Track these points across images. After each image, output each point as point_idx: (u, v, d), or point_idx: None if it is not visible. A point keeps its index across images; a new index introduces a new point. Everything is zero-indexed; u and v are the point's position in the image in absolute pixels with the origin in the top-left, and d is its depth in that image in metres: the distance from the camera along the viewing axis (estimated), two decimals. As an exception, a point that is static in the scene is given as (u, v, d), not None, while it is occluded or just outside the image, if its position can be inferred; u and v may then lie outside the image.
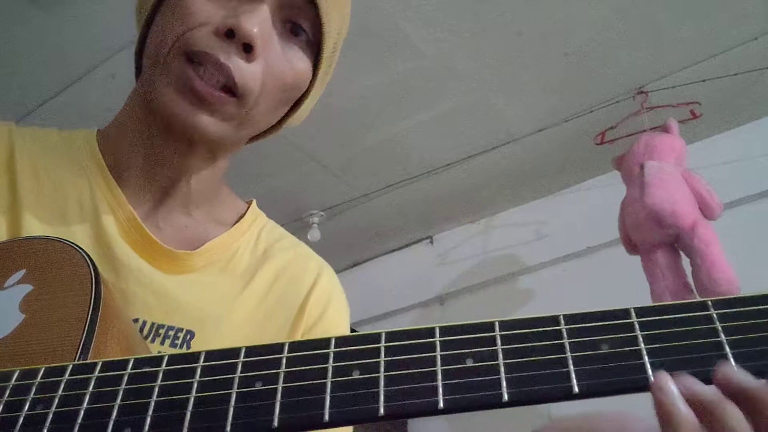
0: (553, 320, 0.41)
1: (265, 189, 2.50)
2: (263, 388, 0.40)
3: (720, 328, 0.39)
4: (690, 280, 1.75)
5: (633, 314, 0.41)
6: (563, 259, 2.46)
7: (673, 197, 1.76)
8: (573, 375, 0.38)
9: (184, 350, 0.41)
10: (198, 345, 0.64)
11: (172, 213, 0.71)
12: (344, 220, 2.72)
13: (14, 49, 1.86)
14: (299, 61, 0.67)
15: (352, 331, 0.46)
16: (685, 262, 1.79)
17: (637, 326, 0.40)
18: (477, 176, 2.47)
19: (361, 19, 1.82)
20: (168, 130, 0.66)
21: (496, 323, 0.42)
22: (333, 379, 0.40)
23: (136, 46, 0.69)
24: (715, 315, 0.39)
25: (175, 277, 0.67)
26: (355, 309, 0.80)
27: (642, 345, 0.39)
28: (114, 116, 0.73)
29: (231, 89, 0.62)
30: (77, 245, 0.57)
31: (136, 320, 0.62)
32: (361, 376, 0.40)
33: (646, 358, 0.39)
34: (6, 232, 0.62)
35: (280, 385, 0.40)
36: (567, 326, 0.41)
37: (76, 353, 0.48)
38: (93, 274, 0.54)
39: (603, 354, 0.39)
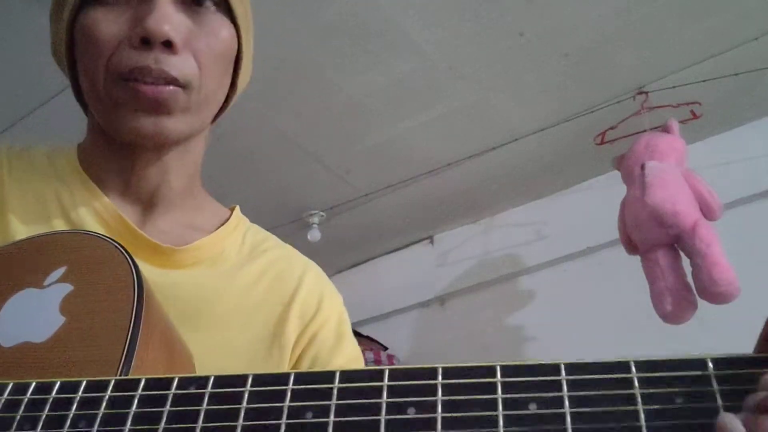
0: (624, 366, 0.38)
1: (266, 189, 2.50)
2: (314, 420, 0.38)
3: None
4: (690, 280, 1.75)
5: (709, 363, 0.37)
6: (563, 259, 2.46)
7: (674, 197, 1.76)
8: (644, 431, 0.35)
9: (233, 373, 0.40)
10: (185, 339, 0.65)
11: (158, 221, 0.72)
12: (344, 220, 2.71)
13: (17, 47, 1.86)
14: (219, 28, 0.68)
15: (353, 332, 0.45)
16: (685, 262, 1.78)
17: (713, 378, 0.37)
18: (477, 176, 2.47)
19: (363, 20, 1.82)
20: (135, 147, 0.68)
21: (562, 366, 0.39)
22: (387, 416, 0.37)
23: (72, 90, 0.71)
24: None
25: (161, 271, 0.68)
26: (355, 309, 0.80)
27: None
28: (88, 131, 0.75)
29: (175, 85, 0.64)
30: (118, 243, 0.56)
31: None
32: (417, 416, 0.37)
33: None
34: None
35: (331, 419, 0.38)
36: (639, 374, 0.37)
37: (119, 366, 0.47)
38: (135, 276, 0.52)
39: (677, 408, 0.36)
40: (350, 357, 0.74)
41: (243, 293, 0.72)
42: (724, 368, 0.36)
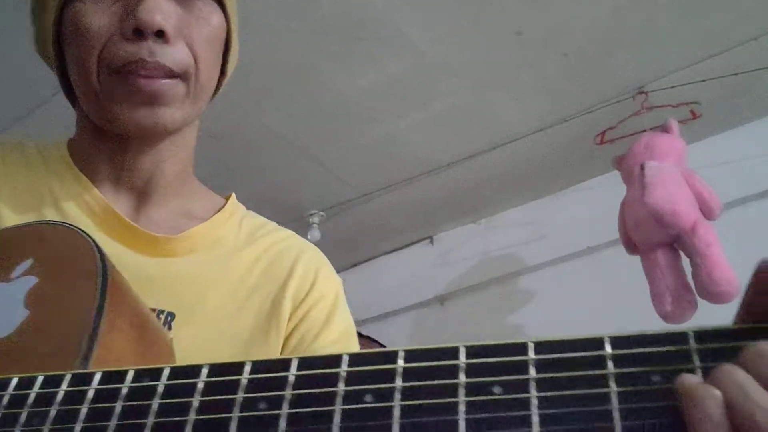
0: (597, 343, 0.35)
1: (265, 189, 2.49)
2: (266, 412, 0.36)
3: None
4: (690, 280, 1.75)
5: (691, 338, 0.34)
6: (563, 259, 2.45)
7: (674, 197, 1.76)
8: (616, 414, 0.32)
9: (190, 364, 0.40)
10: (179, 326, 0.65)
11: (152, 210, 0.71)
12: (344, 220, 2.71)
13: (17, 47, 1.86)
14: (210, 15, 0.68)
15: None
16: (685, 262, 1.79)
17: (694, 353, 0.34)
18: (477, 176, 2.47)
19: (361, 19, 1.82)
20: (127, 138, 0.67)
21: (530, 344, 0.36)
22: (343, 406, 0.35)
23: (61, 85, 0.70)
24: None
25: (157, 260, 0.68)
26: (355, 309, 0.80)
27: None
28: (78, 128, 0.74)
29: (171, 75, 0.63)
30: (86, 233, 0.55)
31: None
32: (373, 404, 0.35)
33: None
34: None
35: (285, 410, 0.36)
36: (614, 351, 0.34)
37: (80, 358, 0.46)
38: (100, 265, 0.51)
39: (654, 389, 0.33)
40: (336, 336, 0.73)
41: (240, 279, 0.71)
42: (708, 342, 0.34)
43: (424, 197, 2.59)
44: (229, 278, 0.71)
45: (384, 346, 2.72)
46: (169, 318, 0.65)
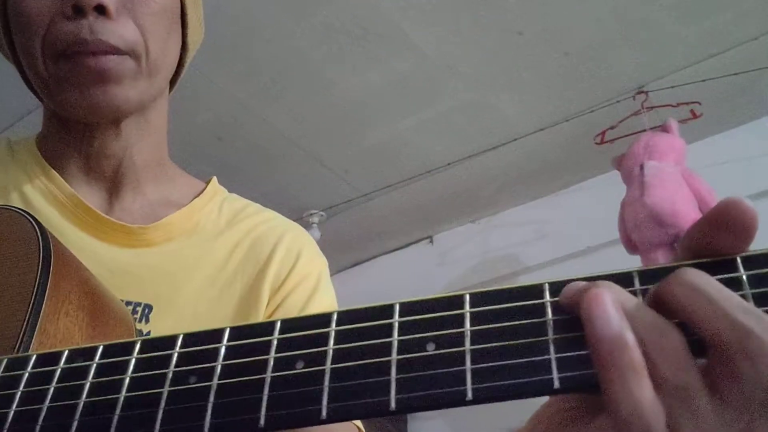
0: (538, 291, 0.33)
1: (265, 188, 2.49)
2: (197, 385, 0.35)
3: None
4: (690, 280, 1.75)
5: (635, 277, 0.33)
6: (563, 259, 2.45)
7: (673, 197, 1.76)
8: (554, 364, 0.31)
9: (121, 340, 0.39)
10: (156, 318, 0.63)
11: (126, 199, 0.69)
12: (344, 219, 2.71)
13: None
14: None
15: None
16: (685, 262, 1.78)
17: (639, 294, 0.33)
18: (477, 176, 2.47)
19: (362, 20, 1.82)
20: (90, 124, 0.65)
21: (467, 296, 0.34)
22: (273, 374, 0.34)
23: (21, 77, 0.69)
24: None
25: (132, 251, 0.66)
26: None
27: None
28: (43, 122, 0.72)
29: (118, 53, 0.61)
30: (29, 214, 0.53)
31: None
32: (303, 370, 0.34)
33: None
34: None
35: (214, 382, 0.35)
36: (553, 299, 0.33)
37: (18, 341, 0.45)
38: (41, 246, 0.50)
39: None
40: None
41: (220, 265, 0.69)
42: (649, 278, 0.33)
43: (424, 197, 2.59)
44: (209, 264, 0.68)
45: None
46: (147, 310, 0.64)
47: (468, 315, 0.33)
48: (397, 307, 0.35)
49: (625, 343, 0.29)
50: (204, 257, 0.69)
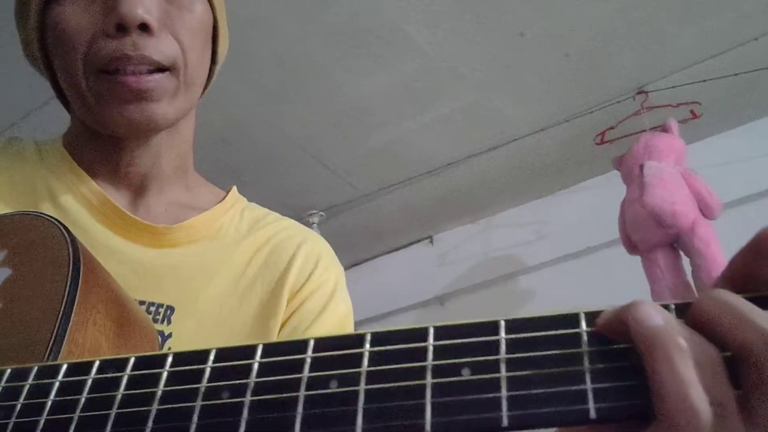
0: (574, 320, 0.34)
1: (265, 188, 2.50)
2: (230, 400, 0.35)
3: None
4: (690, 279, 1.75)
5: (672, 310, 0.32)
6: (563, 259, 2.46)
7: (673, 197, 1.76)
8: (590, 394, 0.31)
9: (154, 353, 0.39)
10: (178, 320, 0.64)
11: (150, 200, 0.71)
12: (344, 220, 2.72)
13: (17, 47, 1.86)
14: (192, 3, 0.66)
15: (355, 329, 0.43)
16: (685, 262, 1.79)
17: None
18: (477, 176, 2.47)
19: (364, 21, 1.82)
20: (124, 140, 0.66)
21: (502, 323, 0.35)
22: (307, 393, 0.34)
23: (53, 88, 0.70)
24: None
25: (156, 251, 0.67)
26: (355, 309, 0.79)
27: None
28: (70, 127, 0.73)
29: (160, 69, 0.62)
30: (60, 222, 0.54)
31: None
32: (338, 390, 0.34)
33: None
34: None
35: (248, 398, 0.35)
36: (588, 328, 0.33)
37: (47, 350, 0.45)
38: (71, 254, 0.50)
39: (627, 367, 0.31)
40: (329, 326, 0.71)
41: (241, 269, 0.70)
42: (686, 310, 0.32)
43: (424, 197, 2.59)
44: (230, 269, 0.70)
45: (384, 346, 2.72)
46: (169, 312, 0.64)
47: (503, 341, 0.34)
48: (432, 331, 0.35)
49: (670, 328, 0.30)
50: (226, 261, 0.70)
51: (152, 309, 0.63)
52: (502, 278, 2.60)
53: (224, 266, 0.69)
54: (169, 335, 0.62)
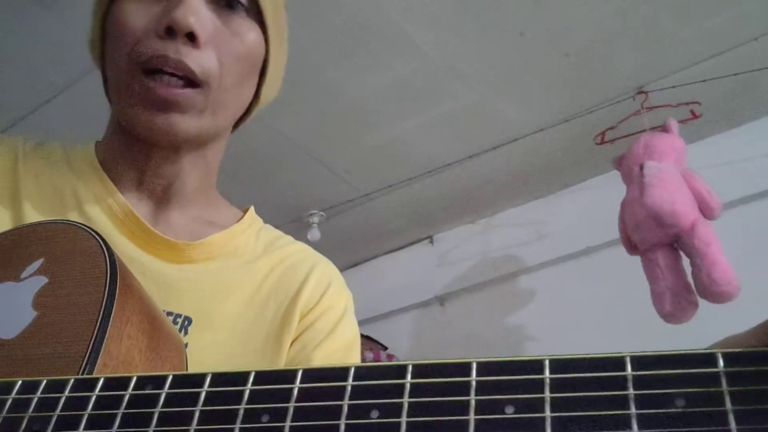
0: (620, 363, 0.33)
1: (266, 189, 2.50)
2: (270, 424, 0.35)
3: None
4: (690, 279, 1.75)
5: (719, 359, 0.32)
6: (563, 259, 2.46)
7: (673, 197, 1.76)
8: None
9: (192, 372, 0.39)
10: (195, 331, 0.66)
11: (171, 215, 0.72)
12: (344, 220, 2.72)
13: (17, 47, 1.86)
14: (247, 32, 0.68)
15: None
16: (685, 262, 1.79)
17: (723, 377, 0.31)
18: (477, 176, 2.47)
19: (363, 21, 1.82)
20: (151, 144, 0.68)
21: (546, 362, 0.34)
22: (347, 421, 0.34)
23: (104, 85, 0.72)
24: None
25: (175, 266, 0.68)
26: (356, 309, 0.80)
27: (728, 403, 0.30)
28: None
29: (193, 81, 0.64)
30: (98, 233, 0.55)
31: None
32: (379, 420, 0.34)
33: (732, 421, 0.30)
34: (10, 221, 0.65)
35: (288, 423, 0.35)
36: (635, 372, 0.33)
37: (83, 362, 0.45)
38: (108, 266, 0.50)
39: (678, 413, 0.31)
40: (337, 347, 0.73)
41: (256, 288, 0.72)
42: (738, 365, 0.31)
43: (424, 197, 2.59)
44: (246, 286, 0.72)
45: (385, 347, 2.73)
46: (186, 322, 0.66)
47: (548, 381, 0.33)
48: (474, 366, 0.35)
49: None
50: (242, 279, 0.72)
51: (170, 318, 0.65)
52: (502, 278, 2.60)
53: (241, 283, 0.71)
54: (185, 346, 0.63)
